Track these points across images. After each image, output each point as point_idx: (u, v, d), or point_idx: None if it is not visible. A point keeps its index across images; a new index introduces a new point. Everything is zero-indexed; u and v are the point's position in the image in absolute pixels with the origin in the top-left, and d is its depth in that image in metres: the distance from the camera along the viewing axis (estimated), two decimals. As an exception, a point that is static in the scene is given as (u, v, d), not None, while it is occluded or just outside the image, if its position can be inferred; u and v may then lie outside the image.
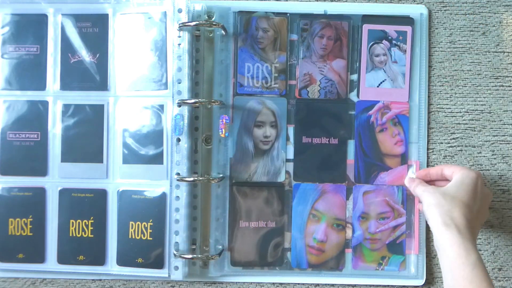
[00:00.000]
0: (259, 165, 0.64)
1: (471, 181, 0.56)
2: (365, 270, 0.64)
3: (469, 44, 0.65)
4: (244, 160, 0.64)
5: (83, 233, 0.63)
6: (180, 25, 0.61)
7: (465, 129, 0.65)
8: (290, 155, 0.64)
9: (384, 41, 0.64)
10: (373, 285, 0.64)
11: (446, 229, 0.52)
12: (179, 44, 0.61)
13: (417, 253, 0.63)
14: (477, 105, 0.65)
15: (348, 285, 0.65)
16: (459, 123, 0.65)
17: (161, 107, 0.63)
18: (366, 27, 0.63)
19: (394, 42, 0.63)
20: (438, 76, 0.65)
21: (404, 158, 0.64)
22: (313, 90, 0.64)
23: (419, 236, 0.63)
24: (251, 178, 0.64)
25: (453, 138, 0.65)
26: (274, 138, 0.64)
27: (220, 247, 0.63)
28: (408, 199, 0.64)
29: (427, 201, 0.55)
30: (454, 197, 0.54)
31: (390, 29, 0.63)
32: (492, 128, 0.65)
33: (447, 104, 0.65)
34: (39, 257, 0.64)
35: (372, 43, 0.64)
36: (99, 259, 0.63)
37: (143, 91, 0.63)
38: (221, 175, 0.63)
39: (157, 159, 0.63)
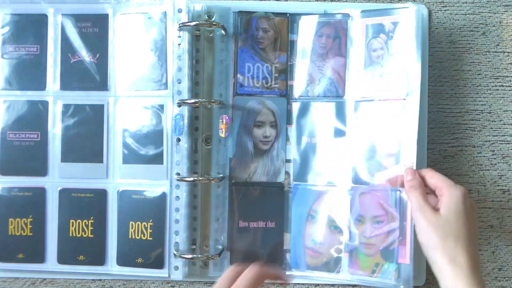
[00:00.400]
0: (258, 165, 0.64)
1: (463, 205, 0.52)
2: (360, 275, 0.61)
3: (469, 44, 0.65)
4: (243, 160, 0.64)
5: (83, 233, 0.63)
6: (180, 25, 0.61)
7: (465, 129, 0.65)
8: (290, 156, 0.64)
9: (381, 35, 0.62)
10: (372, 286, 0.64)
11: (454, 276, 0.48)
12: (179, 44, 0.61)
13: (408, 262, 0.59)
14: (477, 105, 0.65)
15: (348, 285, 0.64)
16: (459, 123, 0.65)
17: (161, 107, 0.63)
18: (364, 22, 0.62)
19: (391, 34, 0.61)
20: (438, 76, 0.65)
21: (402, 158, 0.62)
22: (312, 90, 0.64)
23: (410, 244, 0.59)
24: (251, 178, 0.64)
25: (453, 138, 0.65)
26: (274, 138, 0.64)
27: (220, 247, 0.63)
28: (402, 202, 0.59)
29: (426, 238, 0.51)
30: (458, 236, 0.50)
31: (388, 21, 0.61)
32: (492, 128, 0.65)
33: (447, 104, 0.65)
34: (39, 257, 0.64)
35: (369, 38, 0.63)
36: (99, 259, 0.63)
37: (143, 91, 0.63)
38: (221, 175, 0.63)
39: (157, 159, 0.63)
